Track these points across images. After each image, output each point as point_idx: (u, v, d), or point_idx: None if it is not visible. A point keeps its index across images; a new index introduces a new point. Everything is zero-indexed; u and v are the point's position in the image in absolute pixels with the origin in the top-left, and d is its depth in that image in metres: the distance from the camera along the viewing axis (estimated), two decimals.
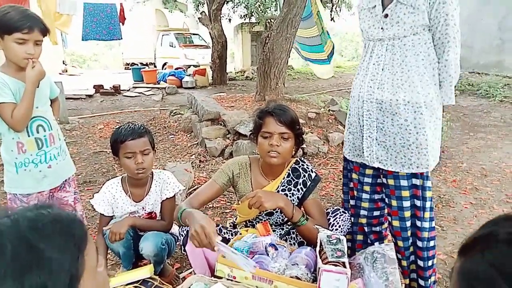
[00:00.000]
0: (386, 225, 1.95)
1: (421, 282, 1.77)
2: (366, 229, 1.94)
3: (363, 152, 1.76)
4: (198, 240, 1.43)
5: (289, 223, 1.96)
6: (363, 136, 1.74)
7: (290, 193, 1.93)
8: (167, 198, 2.07)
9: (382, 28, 1.64)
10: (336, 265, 1.39)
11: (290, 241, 1.99)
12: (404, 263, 1.78)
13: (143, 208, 2.07)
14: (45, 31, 1.75)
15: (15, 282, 0.60)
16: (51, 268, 0.62)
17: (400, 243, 1.76)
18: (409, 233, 1.74)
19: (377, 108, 1.66)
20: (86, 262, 0.69)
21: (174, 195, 2.10)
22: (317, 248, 1.55)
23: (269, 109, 1.86)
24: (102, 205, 2.03)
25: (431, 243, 1.75)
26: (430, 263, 1.75)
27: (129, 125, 1.97)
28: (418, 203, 1.71)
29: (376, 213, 1.91)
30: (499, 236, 0.62)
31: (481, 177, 3.90)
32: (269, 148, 1.80)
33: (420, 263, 1.75)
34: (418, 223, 1.71)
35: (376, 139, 1.70)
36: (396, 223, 1.75)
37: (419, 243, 1.72)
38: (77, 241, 0.69)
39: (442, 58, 1.59)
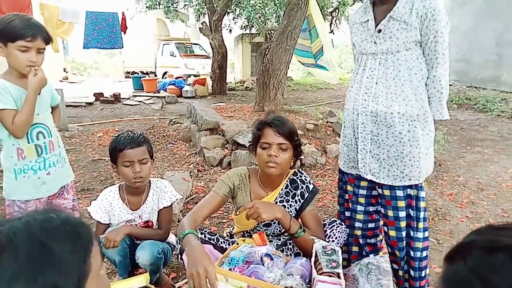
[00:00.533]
0: (381, 237, 1.96)
1: None
2: (361, 241, 1.95)
3: (357, 164, 1.79)
4: (198, 283, 1.38)
5: (286, 234, 1.97)
6: (357, 148, 1.77)
7: (288, 204, 1.94)
8: (164, 207, 2.08)
9: (375, 43, 1.67)
10: (331, 276, 1.40)
11: (287, 252, 1.99)
12: (400, 273, 1.80)
13: (139, 216, 2.07)
14: (48, 40, 1.79)
15: (28, 282, 0.62)
16: (62, 267, 0.65)
17: (397, 253, 1.77)
18: (404, 243, 1.76)
19: (372, 120, 1.68)
20: (92, 263, 0.72)
21: (171, 204, 2.11)
22: (312, 259, 1.56)
23: (268, 120, 1.89)
24: (99, 212, 2.03)
25: (424, 254, 1.76)
26: (422, 273, 1.76)
27: (128, 133, 1.98)
28: (412, 213, 1.73)
29: (371, 225, 1.92)
30: (479, 244, 0.65)
31: (478, 191, 3.91)
32: (267, 158, 1.82)
33: (412, 273, 1.76)
34: (412, 233, 1.73)
35: (370, 152, 1.72)
36: (392, 233, 1.76)
37: (412, 253, 1.74)
38: (85, 243, 0.72)
39: (430, 74, 1.62)
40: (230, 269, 1.57)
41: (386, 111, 1.64)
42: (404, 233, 1.74)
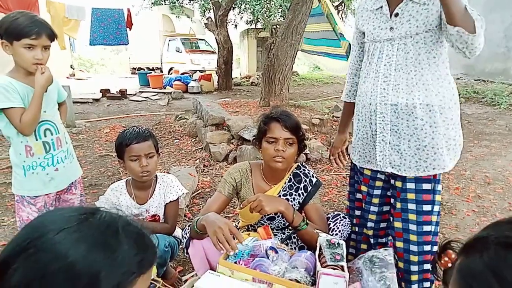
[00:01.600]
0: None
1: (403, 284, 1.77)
2: (372, 240, 1.93)
3: (375, 158, 1.73)
4: (222, 235, 1.52)
5: (290, 227, 1.98)
6: (375, 141, 1.71)
7: (291, 198, 1.96)
8: (170, 201, 2.10)
9: (391, 28, 1.61)
10: (334, 269, 1.41)
11: (291, 245, 2.01)
12: (401, 265, 1.75)
13: (146, 210, 2.10)
14: (52, 36, 1.80)
15: (85, 250, 0.66)
16: (116, 259, 0.68)
17: (400, 244, 1.73)
18: (410, 235, 1.70)
19: (392, 110, 1.62)
20: (136, 285, 0.71)
21: (178, 198, 2.13)
22: (317, 252, 1.57)
23: (274, 114, 1.89)
24: (107, 207, 2.05)
25: (435, 248, 1.71)
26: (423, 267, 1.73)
27: (133, 128, 2.01)
28: (427, 207, 1.68)
29: (383, 224, 1.89)
30: (497, 239, 0.65)
31: (484, 185, 3.89)
32: (274, 153, 1.83)
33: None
34: (427, 228, 1.68)
35: (390, 143, 1.66)
36: (398, 224, 1.73)
37: (425, 247, 1.70)
38: (144, 259, 0.73)
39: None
40: (235, 262, 1.59)
41: (408, 98, 1.58)
42: (410, 225, 1.70)
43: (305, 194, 1.95)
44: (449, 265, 0.79)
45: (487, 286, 0.62)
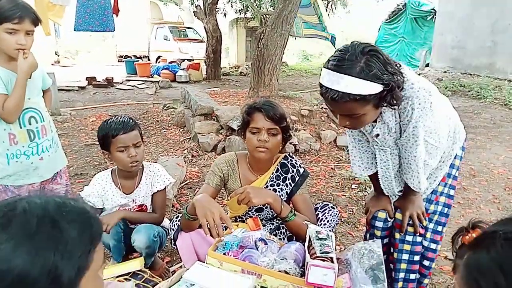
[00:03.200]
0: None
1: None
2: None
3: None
4: (212, 219, 1.51)
5: (278, 218, 1.98)
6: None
7: (278, 188, 1.95)
8: (158, 191, 2.08)
9: (377, 144, 1.65)
10: (324, 260, 1.41)
11: (279, 236, 2.01)
12: (395, 255, 1.77)
13: (133, 200, 2.08)
14: (36, 21, 1.74)
15: (29, 255, 0.62)
16: (66, 249, 0.65)
17: (397, 235, 1.75)
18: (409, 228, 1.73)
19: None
20: (94, 259, 0.71)
21: (165, 188, 2.11)
22: (306, 243, 1.57)
23: (257, 105, 1.87)
24: (92, 197, 2.03)
25: (427, 243, 1.79)
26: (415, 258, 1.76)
27: (117, 118, 1.97)
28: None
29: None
30: (505, 235, 0.66)
31: (470, 177, 3.96)
32: (257, 143, 1.82)
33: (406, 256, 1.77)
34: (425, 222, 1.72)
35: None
36: (398, 215, 1.75)
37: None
38: (93, 234, 0.72)
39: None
40: (224, 254, 1.58)
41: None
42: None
43: (292, 185, 1.95)
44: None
45: (493, 282, 0.63)
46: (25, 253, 0.61)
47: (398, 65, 1.40)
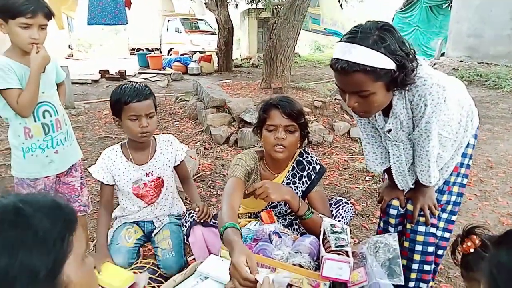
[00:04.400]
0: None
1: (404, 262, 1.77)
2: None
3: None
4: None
5: (292, 214, 1.96)
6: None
7: (294, 186, 1.91)
8: (180, 161, 2.07)
9: (389, 139, 1.61)
10: (339, 254, 1.40)
11: (292, 232, 1.99)
12: (404, 262, 1.73)
13: (147, 174, 1.98)
14: (49, 15, 1.74)
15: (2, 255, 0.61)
16: (39, 239, 0.63)
17: (406, 244, 1.73)
18: (418, 237, 1.71)
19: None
20: (74, 245, 0.69)
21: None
22: (321, 237, 1.56)
23: (273, 101, 1.82)
24: (101, 172, 1.93)
25: (439, 251, 1.79)
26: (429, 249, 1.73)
27: (132, 84, 1.86)
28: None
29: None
30: None
31: (487, 169, 3.88)
32: (274, 142, 1.77)
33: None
34: (433, 230, 1.69)
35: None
36: (408, 226, 1.72)
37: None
38: (66, 219, 0.70)
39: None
40: None
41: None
42: (419, 227, 1.68)
43: (308, 182, 1.91)
44: (471, 250, 0.79)
45: (510, 280, 0.63)
46: None
47: (414, 51, 1.35)
